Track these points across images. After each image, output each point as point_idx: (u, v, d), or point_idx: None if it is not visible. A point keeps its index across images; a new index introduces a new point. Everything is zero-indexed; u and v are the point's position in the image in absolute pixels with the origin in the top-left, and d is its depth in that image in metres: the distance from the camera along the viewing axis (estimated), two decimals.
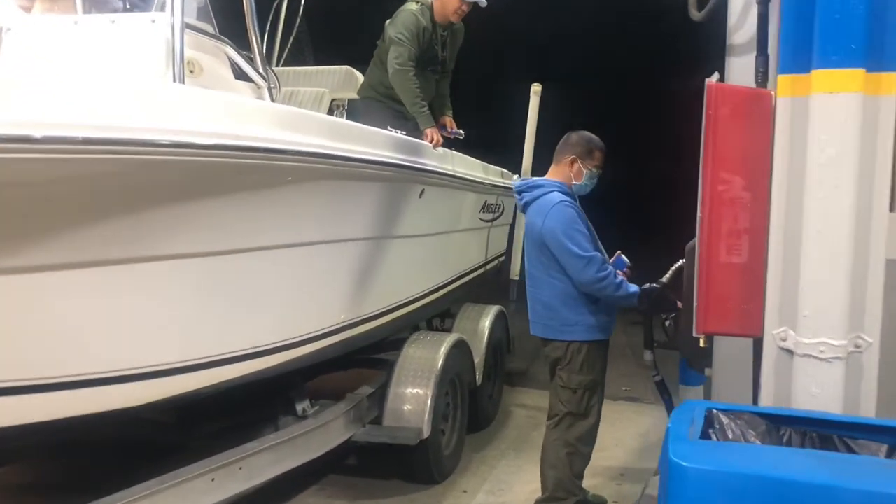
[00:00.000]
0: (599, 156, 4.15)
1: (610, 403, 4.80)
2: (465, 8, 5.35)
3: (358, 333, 4.36)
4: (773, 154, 2.58)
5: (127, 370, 3.00)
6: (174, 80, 3.39)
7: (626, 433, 5.92)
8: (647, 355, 3.96)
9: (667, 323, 3.79)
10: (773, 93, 2.59)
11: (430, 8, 5.38)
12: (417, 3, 5.37)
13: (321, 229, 3.87)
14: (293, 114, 3.72)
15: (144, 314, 3.05)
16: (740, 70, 3.21)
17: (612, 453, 5.32)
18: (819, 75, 2.42)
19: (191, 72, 3.90)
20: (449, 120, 5.85)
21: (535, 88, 6.88)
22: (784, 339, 2.56)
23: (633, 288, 3.91)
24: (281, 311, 3.72)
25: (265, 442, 3.70)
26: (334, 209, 3.93)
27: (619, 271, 3.96)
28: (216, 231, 3.21)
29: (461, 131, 5.86)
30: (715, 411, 2.43)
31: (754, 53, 3.13)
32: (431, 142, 5.06)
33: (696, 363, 3.55)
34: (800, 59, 2.50)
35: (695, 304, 2.71)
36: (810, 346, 2.46)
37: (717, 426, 2.40)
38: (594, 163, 4.13)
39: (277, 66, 6.09)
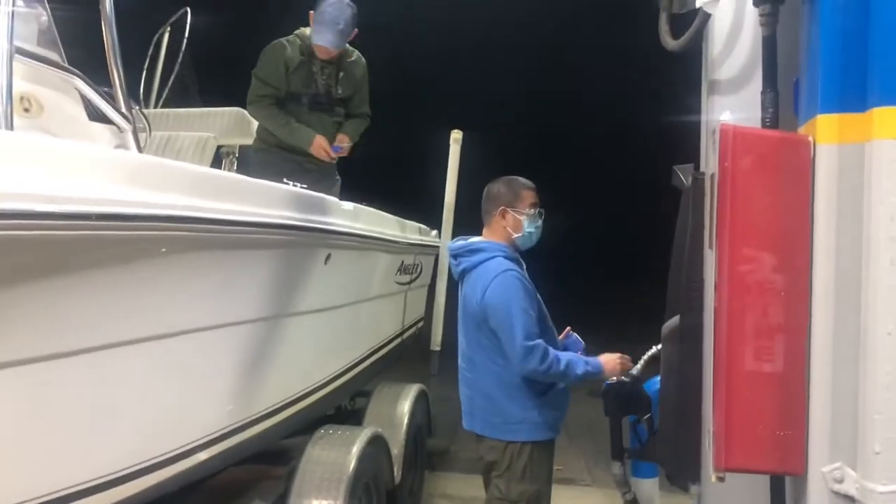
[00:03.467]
0: (529, 194, 3.56)
1: None
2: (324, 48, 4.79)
3: (248, 437, 3.47)
4: (815, 222, 1.88)
5: None
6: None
7: None
8: (616, 468, 3.25)
9: (639, 426, 3.07)
10: (810, 139, 1.90)
11: (308, 38, 4.76)
12: (293, 33, 4.80)
13: (202, 313, 3.00)
14: (160, 166, 2.80)
15: None
16: (727, 110, 2.60)
17: None
18: (884, 114, 1.75)
19: (26, 110, 3.12)
20: (339, 136, 5.14)
21: (455, 136, 6.33)
22: (840, 481, 1.85)
23: (581, 368, 3.30)
24: (145, 423, 2.82)
25: None
26: (219, 286, 3.07)
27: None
28: (51, 329, 2.32)
29: (343, 145, 5.13)
30: None
31: (749, 89, 2.54)
32: (322, 153, 4.74)
33: (677, 478, 2.83)
34: (850, 92, 1.83)
35: (710, 428, 1.97)
36: (886, 497, 1.74)
37: None
38: (526, 204, 3.54)
39: (156, 107, 5.25)
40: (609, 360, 3.39)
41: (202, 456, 3.11)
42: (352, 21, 4.79)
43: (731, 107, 2.61)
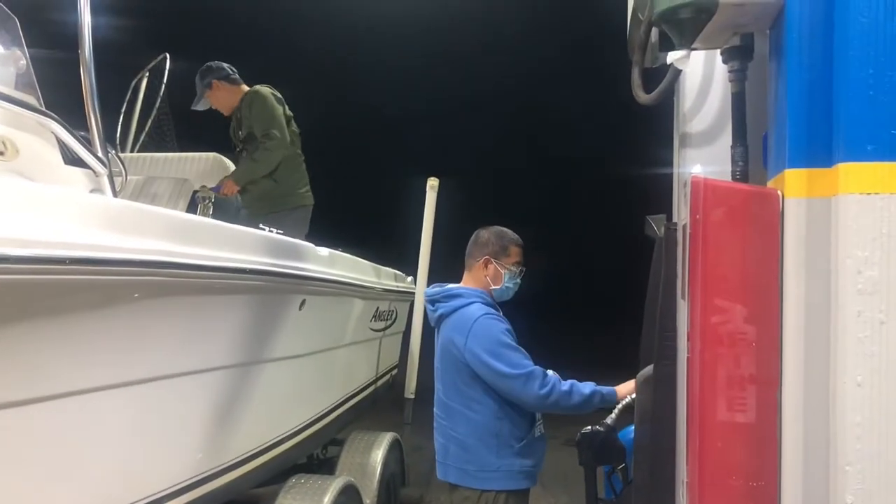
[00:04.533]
0: (516, 251, 3.56)
1: None
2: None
3: (218, 487, 3.40)
4: (784, 273, 1.91)
5: None
6: None
7: None
8: None
9: (613, 476, 3.05)
10: (779, 192, 1.94)
11: None
12: None
13: (173, 359, 2.96)
14: (134, 211, 2.77)
15: None
16: (698, 162, 2.65)
17: None
18: (849, 170, 1.78)
19: (0, 153, 3.09)
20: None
21: (432, 183, 6.35)
22: None
23: (588, 388, 3.30)
24: (111, 471, 2.75)
25: None
26: (192, 332, 3.03)
27: None
28: (17, 374, 2.27)
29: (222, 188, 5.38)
30: None
31: (719, 142, 2.60)
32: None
33: None
34: (816, 147, 1.87)
35: (683, 478, 1.96)
36: None
37: None
38: (511, 260, 3.54)
39: (133, 151, 5.24)
40: (624, 385, 3.33)
41: None
42: (201, 86, 5.59)
43: (701, 160, 2.64)
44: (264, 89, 5.56)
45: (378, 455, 5.07)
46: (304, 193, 5.76)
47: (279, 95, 5.62)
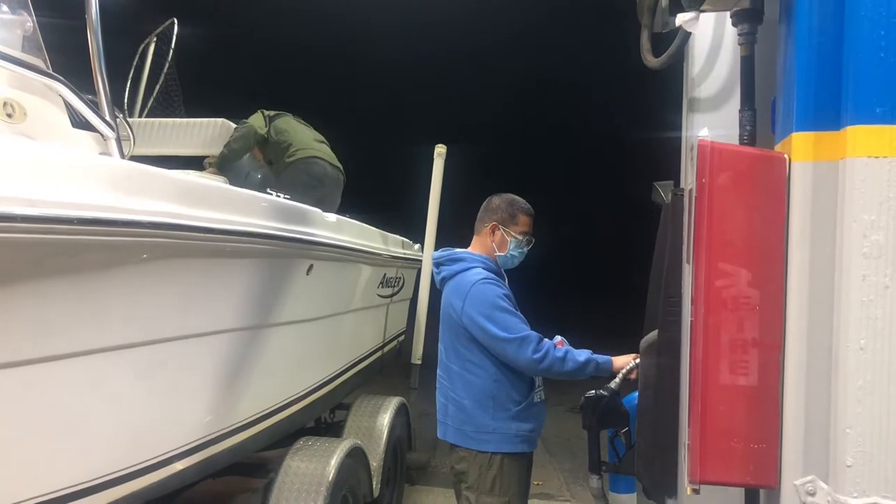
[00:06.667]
0: (525, 220, 3.55)
1: None
2: None
3: (225, 449, 3.44)
4: (790, 238, 1.91)
5: None
6: None
7: None
8: (594, 481, 3.21)
9: (616, 440, 3.07)
10: (785, 156, 1.93)
11: None
12: None
13: (182, 320, 2.98)
14: (142, 172, 2.78)
15: None
16: (706, 126, 2.64)
17: None
18: (857, 133, 1.77)
19: (8, 116, 3.11)
20: None
21: (439, 150, 6.32)
22: (812, 494, 1.86)
23: (583, 355, 3.30)
24: (120, 432, 2.78)
25: None
26: (199, 295, 3.05)
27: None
28: (26, 334, 2.29)
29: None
30: None
31: (727, 107, 2.59)
32: None
33: (654, 492, 2.82)
34: (824, 110, 1.85)
35: (685, 441, 1.98)
36: None
37: None
38: (519, 229, 3.53)
39: (141, 116, 5.23)
40: (621, 357, 3.35)
41: (178, 466, 3.08)
42: None
43: (710, 124, 2.64)
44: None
45: (385, 419, 5.11)
46: (290, 153, 5.92)
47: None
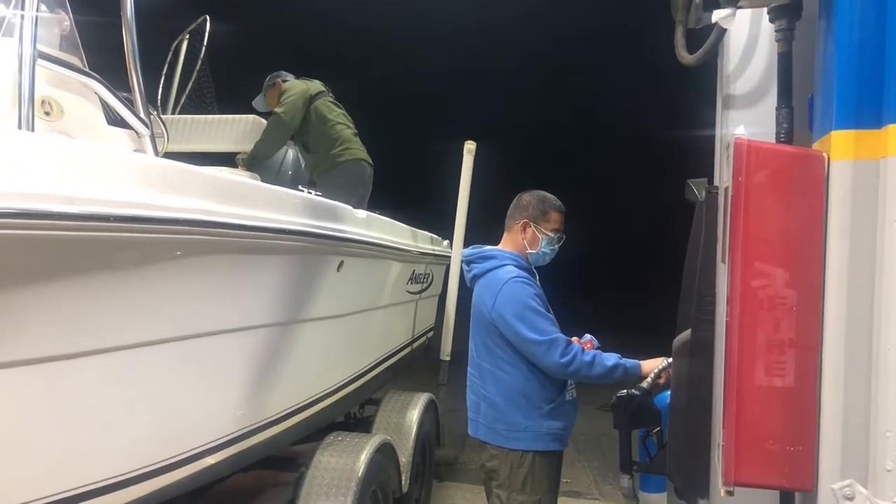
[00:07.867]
0: (557, 217, 3.52)
1: None
2: None
3: (257, 443, 3.47)
4: (828, 237, 1.88)
5: None
6: (19, 126, 2.56)
7: None
8: (625, 481, 3.19)
9: (648, 440, 3.05)
10: (824, 154, 1.90)
11: None
12: None
13: (215, 317, 3.01)
14: (176, 170, 2.80)
15: None
16: (742, 124, 2.60)
17: None
18: None
19: (46, 114, 3.15)
20: None
21: (469, 147, 6.29)
22: (850, 498, 1.83)
23: (612, 359, 3.28)
24: (154, 426, 2.81)
25: None
26: (232, 291, 3.08)
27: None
28: (64, 330, 2.33)
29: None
30: None
31: (763, 104, 2.54)
32: None
33: (685, 492, 2.80)
34: (865, 108, 1.82)
35: (720, 441, 1.96)
36: None
37: None
38: (551, 226, 3.51)
39: (174, 113, 5.28)
40: (649, 360, 3.33)
41: (211, 460, 3.11)
42: (266, 85, 6.14)
43: (745, 121, 2.59)
44: (296, 82, 5.98)
45: (414, 415, 5.13)
46: (338, 152, 5.88)
47: (315, 83, 6.02)
